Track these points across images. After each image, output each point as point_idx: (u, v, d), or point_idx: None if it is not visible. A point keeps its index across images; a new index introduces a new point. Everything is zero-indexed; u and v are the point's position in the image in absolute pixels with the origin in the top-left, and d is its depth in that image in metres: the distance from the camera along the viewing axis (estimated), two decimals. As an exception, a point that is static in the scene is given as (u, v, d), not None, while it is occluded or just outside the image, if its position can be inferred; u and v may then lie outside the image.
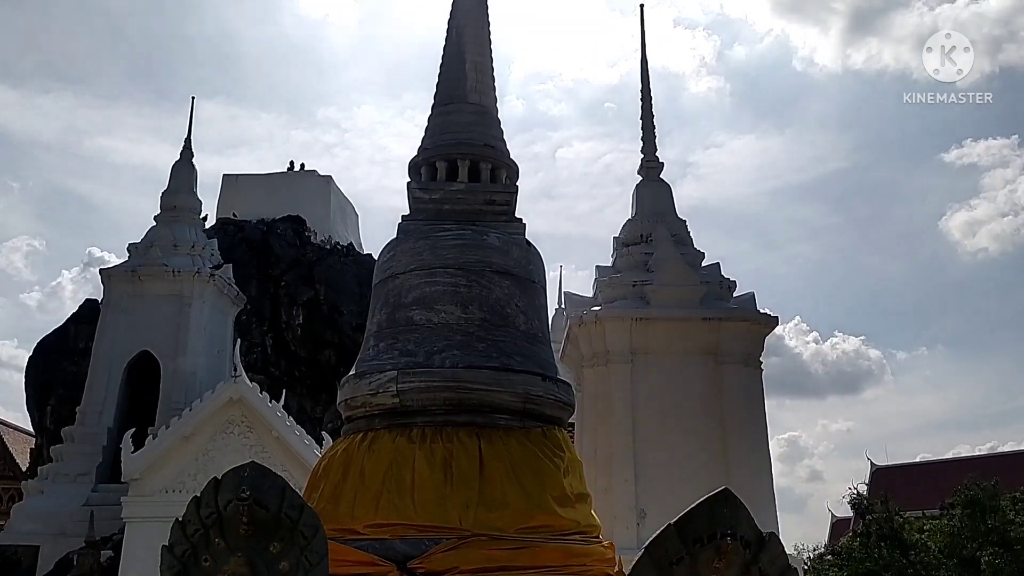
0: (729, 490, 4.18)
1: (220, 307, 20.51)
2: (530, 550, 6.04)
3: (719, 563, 4.07)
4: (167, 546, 4.30)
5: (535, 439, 6.72)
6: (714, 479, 4.00)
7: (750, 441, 11.44)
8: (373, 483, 6.39)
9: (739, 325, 11.74)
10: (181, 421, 14.99)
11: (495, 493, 6.29)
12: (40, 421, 21.79)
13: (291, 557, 4.29)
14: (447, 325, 7.05)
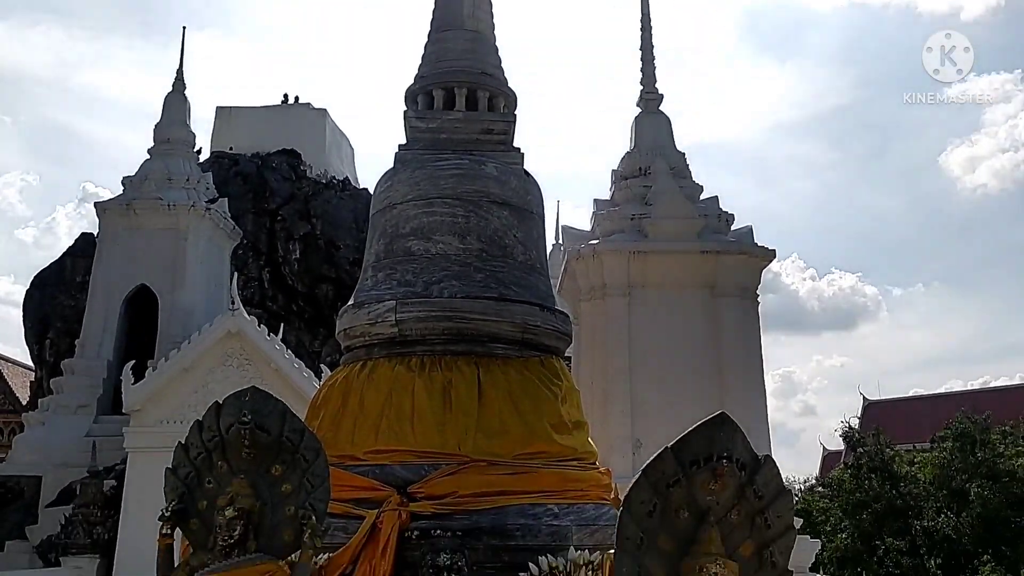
0: (726, 414, 4.22)
1: (216, 241, 20.44)
2: (528, 475, 6.14)
3: (714, 485, 4.12)
4: (171, 468, 4.35)
5: (533, 368, 6.77)
6: (709, 410, 4.05)
7: (745, 374, 11.53)
8: (372, 411, 6.46)
9: (736, 258, 11.74)
10: (180, 354, 15.05)
11: (493, 420, 6.36)
12: (39, 354, 21.88)
13: (293, 480, 4.35)
14: (445, 256, 7.05)
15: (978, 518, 26.65)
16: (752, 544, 4.18)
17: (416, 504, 5.90)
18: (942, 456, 29.39)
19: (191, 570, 4.07)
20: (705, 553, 4.02)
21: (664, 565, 4.16)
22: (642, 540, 4.16)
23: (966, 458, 28.42)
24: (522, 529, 5.85)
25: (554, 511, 6.05)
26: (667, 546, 4.17)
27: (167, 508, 4.22)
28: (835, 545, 28.36)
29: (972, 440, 28.80)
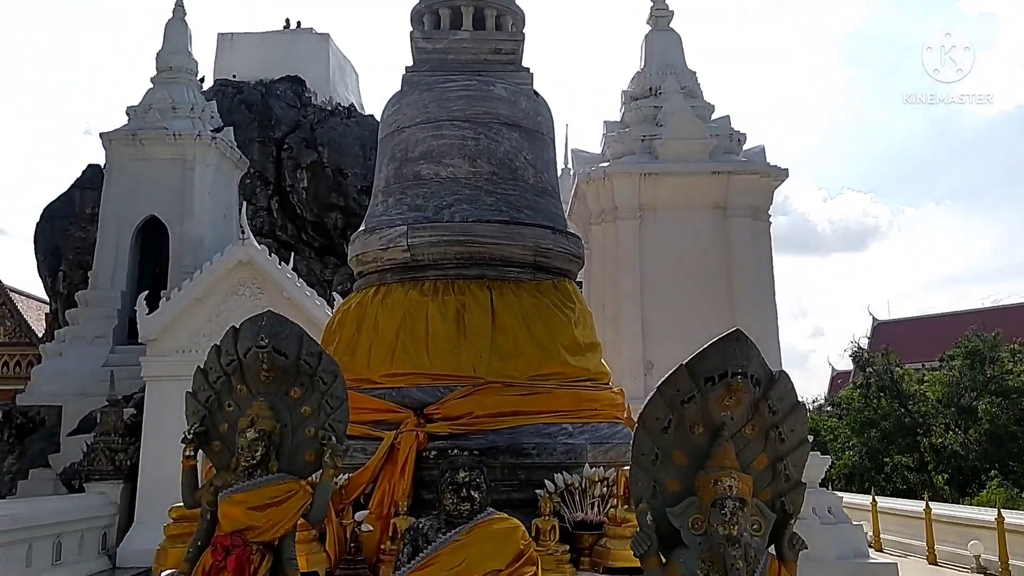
0: (740, 330, 4.22)
1: (223, 171, 20.33)
2: (542, 395, 6.21)
3: (729, 401, 4.15)
4: (191, 392, 4.40)
5: (546, 291, 6.79)
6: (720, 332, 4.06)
7: (756, 295, 11.52)
8: (387, 335, 6.50)
9: (748, 178, 11.62)
10: (192, 284, 15.10)
11: (507, 343, 6.40)
12: (53, 287, 22.01)
13: (312, 402, 4.39)
14: (455, 179, 7.00)
15: (986, 434, 26.95)
16: (766, 457, 4.23)
17: (433, 425, 5.99)
18: (951, 374, 29.59)
19: (215, 490, 4.14)
20: (720, 467, 4.07)
21: (679, 479, 4.22)
22: (657, 455, 4.22)
23: (975, 375, 28.61)
24: (538, 448, 5.95)
25: (569, 430, 6.14)
26: (682, 461, 4.23)
27: (189, 431, 4.28)
28: (843, 463, 28.77)
29: (981, 357, 28.94)
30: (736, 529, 3.91)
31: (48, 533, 12.03)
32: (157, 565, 5.40)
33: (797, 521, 4.31)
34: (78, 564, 12.73)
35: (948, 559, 14.18)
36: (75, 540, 12.84)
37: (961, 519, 14.57)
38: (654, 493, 4.21)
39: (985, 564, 13.19)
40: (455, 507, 4.34)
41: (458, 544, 4.23)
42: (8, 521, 11.14)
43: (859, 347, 33.48)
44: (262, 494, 4.10)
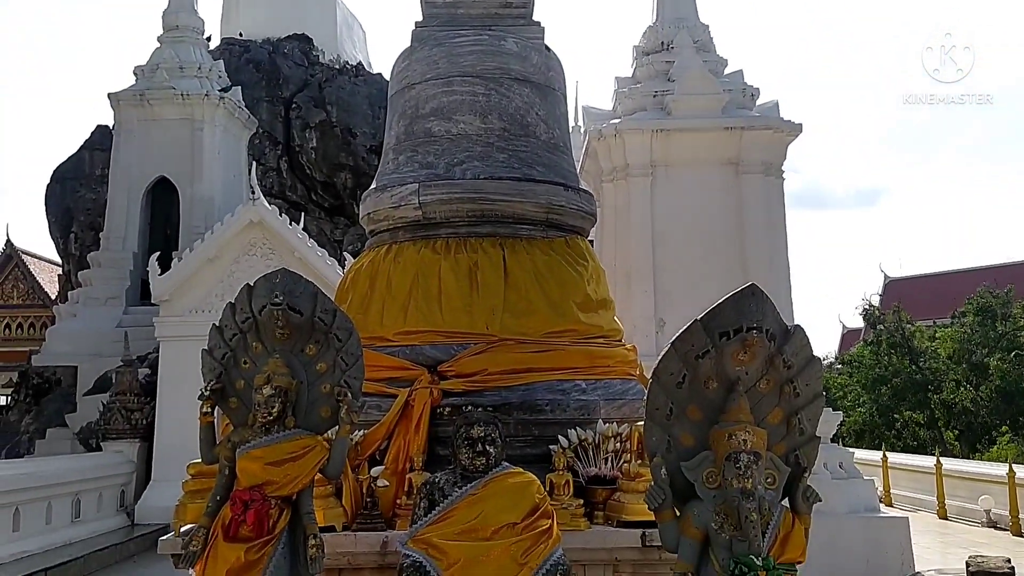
0: (755, 285, 4.21)
1: (232, 131, 20.27)
2: (556, 353, 6.21)
3: (744, 356, 4.15)
4: (206, 350, 4.42)
5: (558, 248, 6.76)
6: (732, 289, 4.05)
7: (769, 253, 11.46)
8: (400, 293, 6.51)
9: (761, 134, 11.49)
10: (204, 244, 15.15)
11: (520, 300, 6.40)
12: (65, 248, 22.11)
13: (327, 359, 4.42)
14: (466, 136, 6.94)
15: (997, 391, 26.99)
16: (780, 412, 4.25)
17: (447, 382, 6.01)
18: (962, 331, 29.56)
19: (233, 446, 4.18)
20: (734, 421, 4.09)
21: (693, 434, 4.24)
22: (671, 410, 4.24)
23: (986, 332, 28.58)
24: (551, 404, 5.97)
25: (582, 387, 6.16)
26: (696, 416, 4.25)
27: (206, 387, 4.32)
28: (853, 419, 28.89)
29: (993, 314, 28.88)
30: (750, 482, 3.94)
31: (67, 491, 12.23)
32: (176, 520, 5.47)
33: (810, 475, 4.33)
34: (97, 521, 12.95)
35: (958, 514, 14.29)
36: (93, 498, 13.05)
37: (972, 474, 14.66)
38: (668, 447, 4.24)
39: (995, 518, 13.29)
40: (471, 462, 4.37)
41: (474, 498, 4.27)
42: (27, 479, 11.33)
43: (870, 304, 33.42)
44: (279, 450, 4.14)
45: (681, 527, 4.13)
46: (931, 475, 15.13)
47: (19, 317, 32.29)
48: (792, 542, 4.01)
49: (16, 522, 10.94)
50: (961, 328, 29.88)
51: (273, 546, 4.04)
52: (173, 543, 5.16)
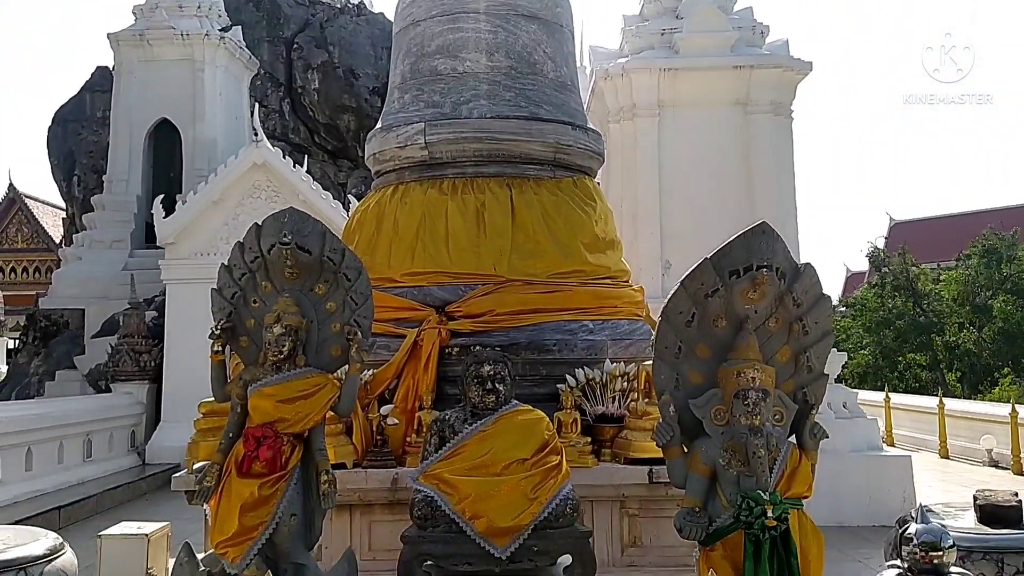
0: (766, 223, 4.18)
1: (233, 72, 20.02)
2: (563, 293, 6.22)
3: (753, 294, 4.15)
4: (216, 289, 4.43)
5: (566, 188, 6.73)
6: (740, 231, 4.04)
7: (777, 195, 11.35)
8: (407, 234, 6.49)
9: (771, 72, 11.30)
10: (208, 187, 15.07)
11: (527, 241, 6.39)
12: (68, 191, 22.03)
13: (336, 298, 4.42)
14: (473, 74, 6.86)
15: (1000, 332, 27.05)
16: (789, 350, 4.26)
17: (455, 323, 6.04)
18: (967, 273, 29.51)
19: (245, 384, 4.21)
20: (743, 359, 4.10)
21: (701, 372, 4.26)
22: (680, 349, 4.25)
23: (991, 274, 28.53)
24: (559, 344, 6.00)
25: (589, 327, 6.18)
26: (705, 354, 4.26)
27: (217, 327, 4.33)
28: (856, 362, 29.00)
29: (998, 256, 28.80)
30: (758, 419, 3.96)
31: (78, 431, 12.37)
32: (189, 457, 5.54)
33: (817, 412, 4.36)
34: (108, 461, 13.13)
35: (960, 453, 14.43)
36: (104, 438, 13.21)
37: (974, 414, 14.77)
38: (677, 385, 4.26)
39: (997, 458, 13.42)
40: (480, 399, 4.41)
41: (484, 435, 4.32)
42: (39, 420, 11.45)
43: (875, 247, 33.33)
44: (291, 387, 4.17)
45: (689, 463, 4.18)
46: (933, 415, 15.24)
47: (24, 261, 32.38)
48: (799, 477, 4.05)
49: (28, 461, 11.09)
50: (966, 270, 29.84)
51: (286, 481, 4.09)
52: (186, 480, 5.25)
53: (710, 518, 4.04)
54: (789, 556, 3.84)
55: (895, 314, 29.11)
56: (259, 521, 4.01)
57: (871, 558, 7.46)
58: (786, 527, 3.85)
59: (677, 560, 5.32)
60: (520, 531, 4.07)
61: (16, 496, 10.44)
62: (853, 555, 7.68)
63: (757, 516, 3.80)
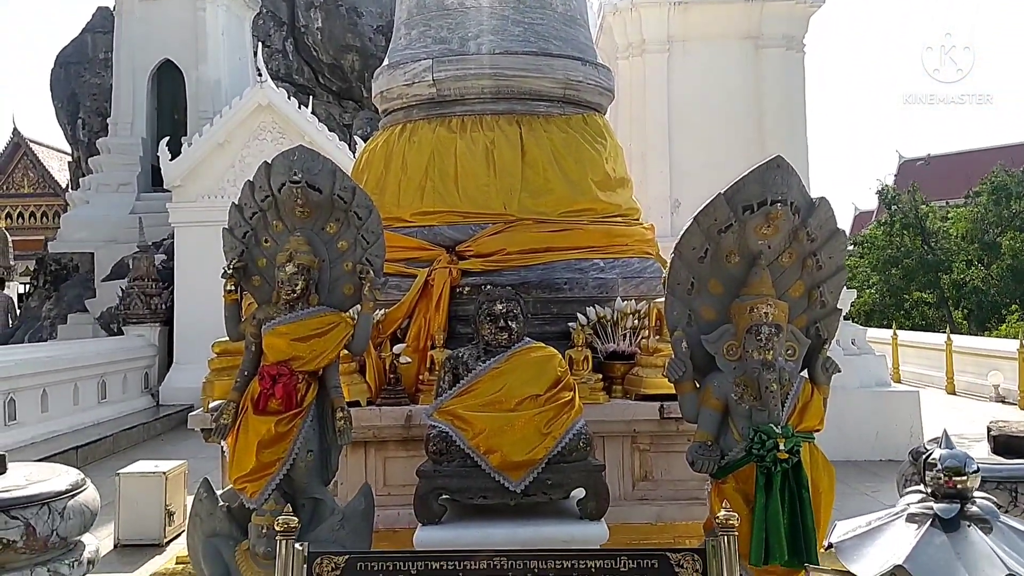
0: (781, 157, 4.14)
1: (235, 11, 19.74)
2: (574, 232, 6.20)
3: (767, 229, 4.13)
4: (227, 228, 4.41)
5: (576, 125, 6.66)
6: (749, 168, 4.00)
7: (788, 132, 11.23)
8: (416, 173, 6.45)
9: (782, 5, 11.07)
10: (213, 128, 14.98)
11: (538, 179, 6.34)
12: (73, 134, 21.91)
13: (348, 237, 4.41)
14: (480, 8, 6.73)
15: (1008, 270, 27.01)
16: (802, 285, 4.25)
17: (465, 262, 6.03)
18: (976, 210, 29.35)
19: (258, 323, 4.23)
20: (756, 295, 4.10)
21: (714, 307, 4.26)
22: (693, 284, 4.25)
23: (1000, 211, 28.39)
24: (570, 282, 6.00)
25: (600, 265, 6.17)
26: (717, 289, 4.26)
27: (229, 266, 4.32)
28: (862, 300, 29.01)
29: (1008, 193, 28.61)
30: (771, 354, 3.98)
31: (92, 373, 12.52)
32: (204, 396, 5.60)
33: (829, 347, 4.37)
34: (123, 402, 13.31)
35: (966, 389, 14.52)
36: (118, 380, 13.37)
37: (982, 350, 14.82)
38: (689, 321, 4.27)
39: (1003, 393, 13.51)
40: (493, 337, 4.43)
41: (497, 372, 4.34)
42: (53, 362, 11.58)
43: (884, 185, 33.09)
44: (305, 326, 4.19)
45: (701, 398, 4.21)
46: (941, 352, 15.31)
47: (31, 206, 32.35)
48: (810, 411, 4.08)
49: (44, 403, 11.25)
50: (975, 208, 29.66)
51: (302, 419, 4.13)
52: (202, 418, 5.31)
53: (722, 452, 4.09)
54: (800, 488, 3.89)
55: (903, 252, 29.05)
56: (276, 457, 4.06)
57: (878, 491, 7.57)
58: (798, 460, 3.89)
59: (687, 493, 5.40)
60: (534, 465, 4.11)
61: (33, 437, 10.62)
62: (861, 488, 7.79)
63: (769, 449, 3.84)
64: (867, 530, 2.09)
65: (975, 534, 1.96)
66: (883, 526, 2.08)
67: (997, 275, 27.22)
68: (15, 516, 2.89)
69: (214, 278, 4.76)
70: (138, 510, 6.86)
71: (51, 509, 2.99)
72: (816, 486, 4.00)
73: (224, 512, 4.23)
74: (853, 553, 2.04)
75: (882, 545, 1.99)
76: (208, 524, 4.21)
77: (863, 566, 1.97)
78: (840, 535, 2.13)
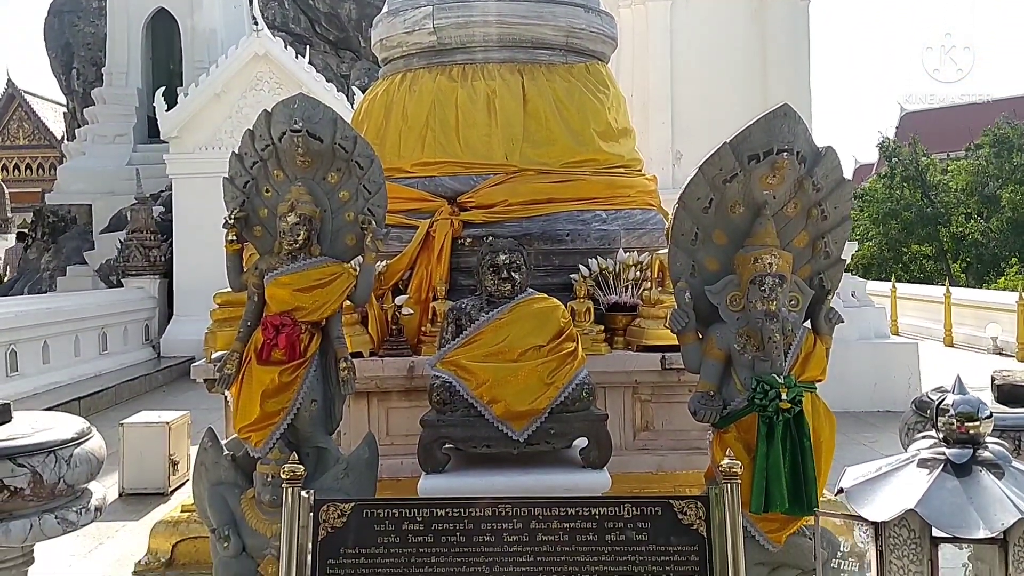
0: (788, 105, 4.09)
1: (230, -42, 19.44)
2: (576, 183, 6.16)
3: (772, 179, 4.09)
4: (228, 178, 4.37)
5: (578, 74, 6.58)
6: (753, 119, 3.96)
7: (792, 82, 11.11)
8: (416, 123, 6.39)
9: (788, -48, 10.93)
10: (209, 79, 14.81)
11: (540, 130, 6.28)
12: (68, 85, 21.66)
13: (349, 187, 4.37)
14: (481, -46, 6.61)
15: (1008, 223, 26.98)
16: (807, 235, 4.23)
17: (467, 213, 6.00)
18: (977, 163, 29.23)
19: (261, 273, 4.21)
20: (760, 245, 4.08)
21: (718, 258, 4.25)
22: (697, 235, 4.22)
23: (1001, 164, 28.27)
24: (572, 234, 5.97)
25: (602, 216, 6.14)
26: (721, 240, 4.24)
27: (230, 216, 4.29)
28: (861, 253, 29.03)
29: (1009, 145, 28.46)
30: (775, 305, 3.97)
31: (93, 325, 12.54)
32: (207, 347, 5.61)
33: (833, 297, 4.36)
34: (124, 354, 13.35)
35: (964, 342, 14.58)
36: (119, 332, 13.40)
37: (981, 303, 14.86)
38: (693, 272, 4.25)
39: (1001, 345, 13.57)
40: (496, 288, 4.42)
41: (500, 322, 4.34)
42: (54, 313, 11.60)
43: (886, 137, 32.91)
44: (307, 276, 4.17)
45: (704, 349, 4.21)
46: (939, 305, 15.34)
47: (27, 158, 32.13)
48: (813, 361, 4.09)
49: (46, 354, 11.28)
50: (976, 160, 29.53)
51: (306, 369, 4.13)
52: (205, 369, 5.32)
53: (724, 402, 4.11)
54: (802, 437, 3.91)
55: (903, 205, 29.00)
56: (280, 407, 4.08)
57: (876, 442, 7.64)
58: (800, 409, 3.90)
59: (688, 443, 5.45)
60: (537, 415, 4.13)
61: (36, 388, 10.67)
62: (859, 439, 7.85)
63: (771, 399, 3.85)
64: (877, 475, 2.10)
65: (987, 478, 1.97)
66: (894, 471, 2.09)
67: (996, 228, 27.20)
68: (21, 464, 2.90)
69: (213, 230, 4.74)
70: (142, 460, 6.91)
71: (57, 457, 3.01)
72: (817, 435, 4.02)
73: (229, 461, 4.25)
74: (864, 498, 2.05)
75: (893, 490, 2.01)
76: (213, 473, 4.24)
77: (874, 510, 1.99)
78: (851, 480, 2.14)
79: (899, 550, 2.01)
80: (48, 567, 5.03)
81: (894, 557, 2.01)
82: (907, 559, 2.01)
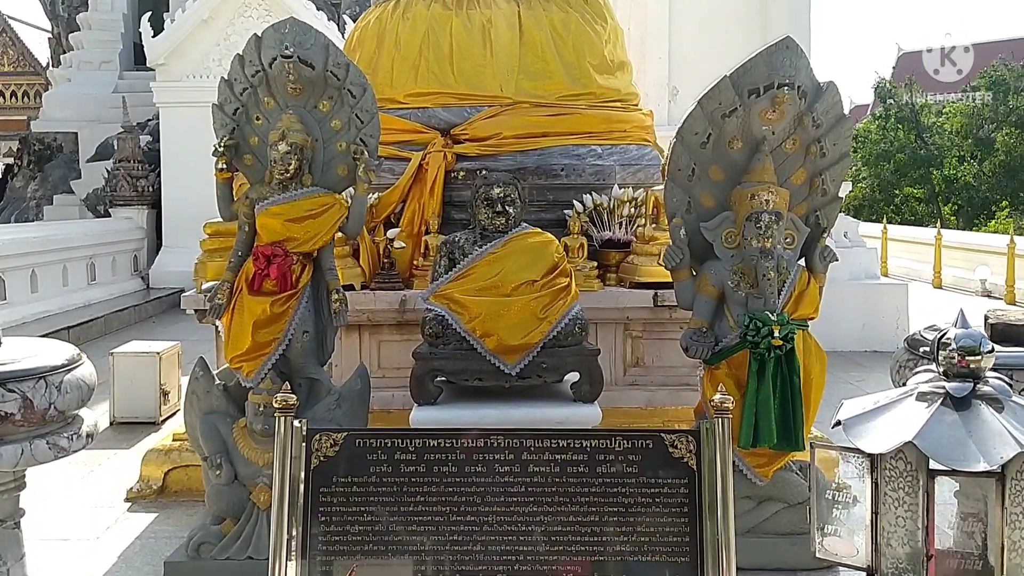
0: (791, 38, 4.02)
1: None
2: (571, 116, 6.07)
3: (772, 114, 4.04)
4: (217, 104, 4.28)
5: (575, 5, 6.42)
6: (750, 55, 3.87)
7: (791, 19, 10.89)
8: (410, 52, 6.25)
9: None
10: (196, 4, 14.41)
11: (536, 61, 6.16)
12: (52, 9, 21.11)
13: (342, 116, 4.28)
14: None
15: (1000, 166, 26.93)
16: (805, 173, 4.20)
17: (460, 146, 5.92)
18: (972, 105, 29.04)
19: (251, 203, 4.15)
20: (757, 182, 4.05)
21: (714, 195, 4.22)
22: (694, 171, 4.18)
23: (997, 106, 28.08)
24: (567, 169, 5.90)
25: (597, 151, 6.06)
26: (718, 176, 4.21)
27: (220, 143, 4.20)
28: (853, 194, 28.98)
29: (1006, 87, 28.23)
30: (770, 242, 3.96)
31: (81, 255, 12.45)
32: (197, 277, 5.56)
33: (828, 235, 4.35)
34: (113, 284, 13.29)
35: (953, 284, 14.66)
36: (107, 262, 13.31)
37: (971, 245, 14.90)
38: (688, 208, 4.23)
39: (990, 288, 13.65)
40: (490, 221, 4.38)
41: (494, 256, 4.31)
42: (42, 242, 11.50)
43: (882, 78, 32.57)
44: (298, 207, 4.12)
45: (697, 285, 4.21)
46: (929, 247, 15.37)
47: (12, 85, 31.49)
48: (806, 299, 4.10)
49: (34, 283, 11.22)
50: (971, 102, 29.33)
51: (297, 299, 4.11)
52: (196, 299, 5.29)
53: (716, 338, 4.12)
54: (792, 374, 3.94)
55: (896, 147, 28.86)
56: (272, 337, 4.06)
57: (863, 381, 7.70)
58: (791, 347, 3.92)
59: (678, 380, 5.48)
60: (530, 349, 4.14)
61: (24, 317, 10.63)
62: (846, 378, 7.92)
63: (764, 336, 3.86)
64: (875, 408, 2.11)
65: (987, 412, 1.97)
66: (892, 404, 2.09)
67: (989, 171, 27.15)
68: (12, 389, 2.88)
69: (201, 160, 4.67)
70: (133, 389, 6.91)
71: (48, 383, 2.99)
72: (808, 373, 4.05)
73: (220, 390, 4.25)
74: (861, 430, 2.06)
75: (891, 422, 2.01)
76: (205, 402, 4.24)
77: (871, 442, 2.00)
78: (848, 413, 2.15)
79: (895, 482, 2.03)
80: (41, 493, 5.07)
81: (889, 489, 2.03)
82: (902, 491, 2.03)
